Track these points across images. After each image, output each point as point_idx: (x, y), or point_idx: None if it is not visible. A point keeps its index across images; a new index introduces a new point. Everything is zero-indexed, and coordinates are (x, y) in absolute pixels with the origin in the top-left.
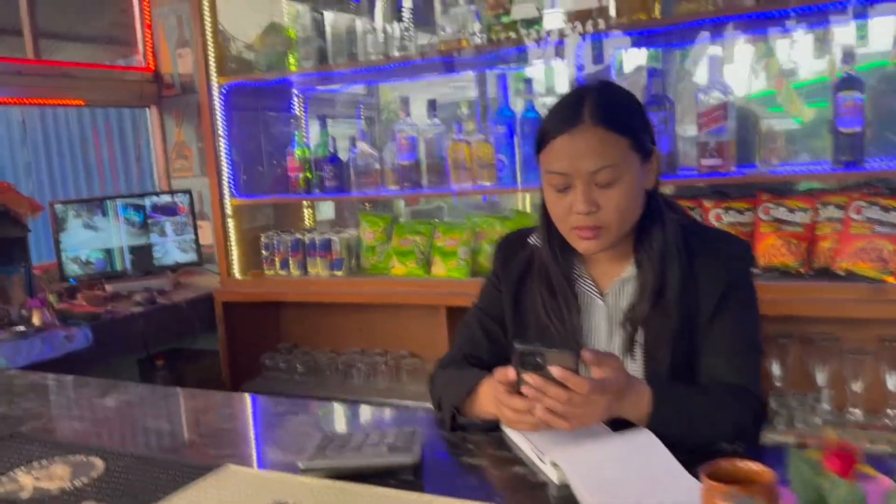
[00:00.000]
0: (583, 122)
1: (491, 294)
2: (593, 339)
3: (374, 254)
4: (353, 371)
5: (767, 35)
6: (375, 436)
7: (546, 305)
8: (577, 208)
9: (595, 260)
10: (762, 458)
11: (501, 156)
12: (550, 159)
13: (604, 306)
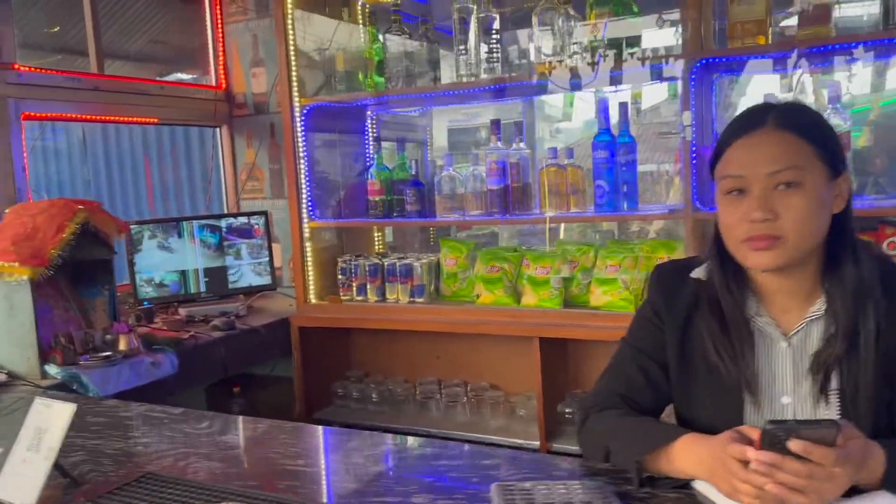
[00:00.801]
0: (765, 125)
1: (649, 331)
2: (777, 384)
3: (455, 281)
4: (431, 402)
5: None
6: (560, 489)
7: (716, 343)
8: (751, 215)
9: (775, 296)
10: None
11: (601, 181)
12: (725, 165)
13: (788, 348)
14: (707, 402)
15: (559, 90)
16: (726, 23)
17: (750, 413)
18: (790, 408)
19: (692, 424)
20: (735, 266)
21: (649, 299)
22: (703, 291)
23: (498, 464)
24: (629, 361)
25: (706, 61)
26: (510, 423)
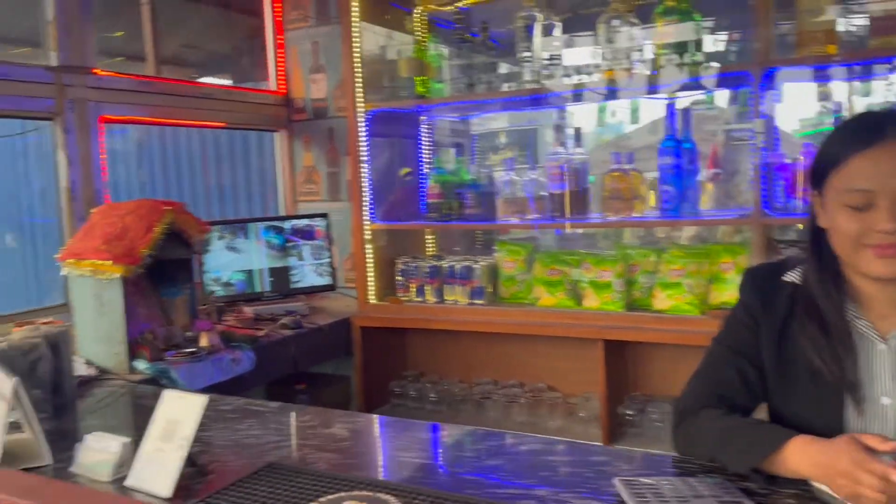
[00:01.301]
0: (886, 137)
1: (742, 332)
2: (877, 386)
3: (513, 283)
4: (488, 402)
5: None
6: (681, 485)
7: (818, 347)
8: (882, 227)
9: (872, 302)
10: None
11: (668, 186)
12: (849, 178)
13: (887, 350)
14: (807, 403)
15: (625, 97)
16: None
17: (850, 414)
18: (891, 408)
19: (789, 424)
20: (834, 271)
21: (743, 301)
22: (798, 295)
23: (607, 460)
24: (724, 362)
25: (774, 70)
26: (569, 423)
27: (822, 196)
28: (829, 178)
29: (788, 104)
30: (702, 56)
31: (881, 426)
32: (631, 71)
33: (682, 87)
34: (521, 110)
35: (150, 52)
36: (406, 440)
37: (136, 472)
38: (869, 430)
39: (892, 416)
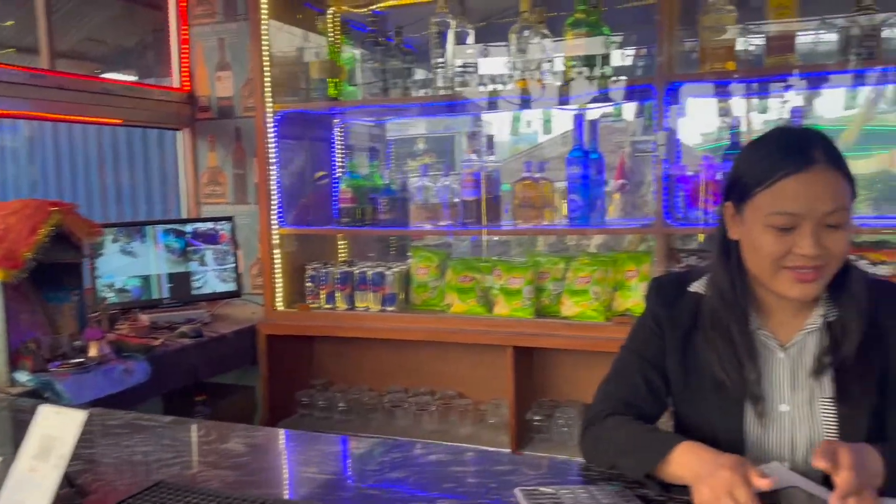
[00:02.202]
0: (817, 162)
1: (649, 340)
2: (775, 394)
3: (426, 290)
4: (399, 411)
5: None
6: (582, 493)
7: (722, 357)
8: (804, 250)
9: (775, 312)
10: None
11: (575, 195)
12: (778, 200)
13: (786, 359)
14: (709, 411)
15: (538, 107)
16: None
17: (750, 422)
18: (788, 415)
19: (693, 430)
20: (741, 281)
21: (650, 310)
22: (703, 305)
23: (512, 469)
24: (631, 370)
25: (677, 84)
26: (479, 430)
27: (740, 211)
28: (755, 196)
29: (693, 119)
30: (610, 69)
31: (778, 433)
32: (541, 82)
33: (590, 100)
34: (437, 116)
35: (43, 43)
36: (307, 454)
37: (7, 493)
38: (767, 436)
39: (788, 424)
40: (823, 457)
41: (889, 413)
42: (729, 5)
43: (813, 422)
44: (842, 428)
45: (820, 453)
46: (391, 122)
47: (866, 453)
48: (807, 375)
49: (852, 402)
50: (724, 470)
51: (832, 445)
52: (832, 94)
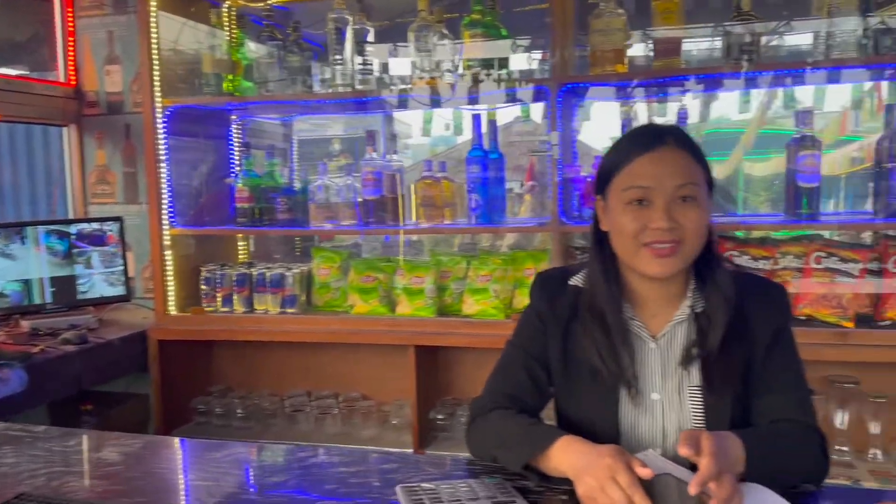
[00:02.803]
0: (667, 143)
1: (532, 335)
2: (647, 382)
3: (328, 291)
4: (300, 415)
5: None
6: (463, 487)
7: (598, 346)
8: (657, 223)
9: (645, 302)
10: None
11: (475, 195)
12: (630, 177)
13: (657, 349)
14: (587, 401)
15: (434, 106)
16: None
17: (625, 410)
18: (659, 404)
19: (572, 420)
20: (614, 273)
21: (533, 305)
22: (582, 297)
23: (398, 468)
24: (515, 364)
25: (571, 86)
26: (383, 431)
27: (606, 200)
28: (613, 181)
29: (597, 121)
30: (508, 70)
31: (651, 420)
32: (440, 81)
33: (488, 100)
34: (342, 115)
35: None
36: (188, 461)
37: None
38: (639, 424)
39: (660, 411)
40: (686, 444)
41: (753, 401)
42: (619, 9)
43: (682, 410)
44: (708, 415)
45: (683, 441)
46: (299, 120)
47: (728, 440)
48: (676, 365)
49: (718, 391)
50: (606, 458)
51: (695, 433)
52: (728, 98)
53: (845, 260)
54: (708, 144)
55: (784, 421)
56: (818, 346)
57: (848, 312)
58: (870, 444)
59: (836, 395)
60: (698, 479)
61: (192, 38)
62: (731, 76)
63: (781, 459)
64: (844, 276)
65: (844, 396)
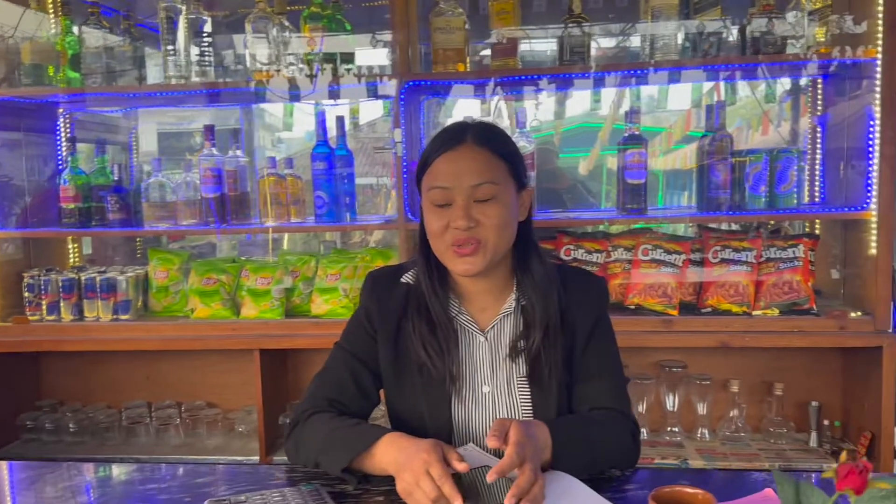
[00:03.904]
0: (465, 142)
1: (361, 336)
2: (478, 376)
3: (167, 294)
4: (140, 428)
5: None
6: (276, 497)
7: (425, 342)
8: (456, 223)
9: (474, 297)
10: None
11: (321, 192)
12: (432, 177)
13: (486, 342)
14: (418, 398)
15: (277, 100)
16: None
17: (455, 405)
18: (489, 396)
19: (405, 420)
20: (440, 270)
21: (362, 305)
22: (412, 294)
23: (213, 481)
24: (341, 365)
25: (414, 83)
26: (229, 440)
27: (422, 199)
28: (422, 181)
29: (432, 116)
30: (355, 66)
31: (482, 413)
32: (270, 74)
33: (334, 95)
34: (177, 107)
35: None
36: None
37: None
38: (472, 418)
39: (490, 404)
40: (493, 435)
41: (573, 389)
42: (459, 8)
43: (511, 401)
44: (535, 406)
45: (491, 432)
46: (124, 112)
47: (535, 428)
48: (504, 357)
49: (542, 382)
50: (422, 453)
51: (505, 423)
52: (581, 97)
53: (670, 252)
54: (571, 141)
55: (599, 408)
56: (647, 333)
57: (673, 301)
58: (697, 424)
59: (666, 378)
60: (497, 468)
61: (9, 24)
62: (565, 76)
63: (589, 446)
64: (669, 266)
65: (673, 380)
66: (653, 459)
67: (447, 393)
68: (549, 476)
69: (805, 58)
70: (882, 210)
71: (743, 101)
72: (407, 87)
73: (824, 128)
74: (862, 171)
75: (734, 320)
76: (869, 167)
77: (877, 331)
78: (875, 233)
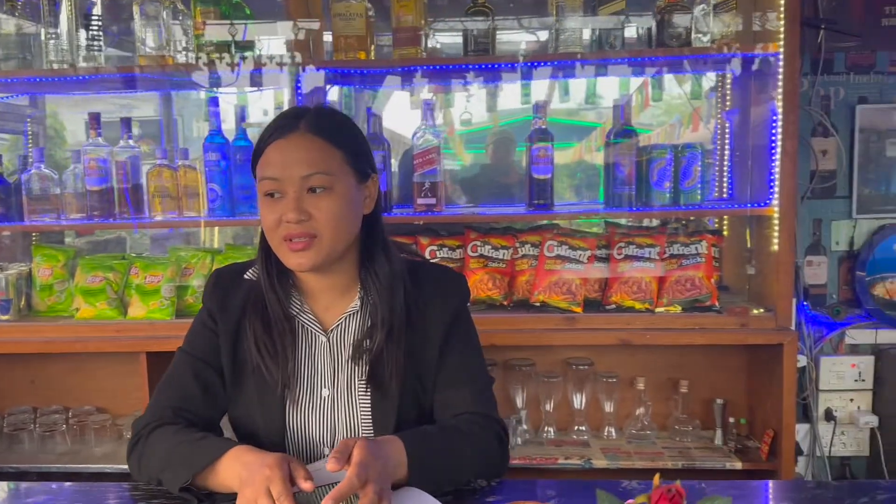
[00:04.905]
0: (297, 129)
1: (204, 337)
2: (317, 378)
3: (50, 293)
4: (23, 434)
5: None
6: None
7: (259, 343)
8: (287, 216)
9: (318, 295)
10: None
11: (214, 185)
12: (263, 167)
13: (327, 343)
14: (254, 404)
15: (171, 88)
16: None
17: (291, 410)
18: (329, 400)
19: (240, 424)
20: (280, 266)
21: (205, 304)
22: (252, 292)
23: (45, 500)
24: (186, 371)
25: (318, 70)
26: (119, 447)
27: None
28: (255, 170)
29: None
30: (254, 53)
31: (319, 418)
32: (167, 61)
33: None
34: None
35: None
36: None
37: None
38: (308, 424)
39: (329, 408)
40: (335, 458)
41: (434, 395)
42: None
43: (351, 405)
44: (374, 410)
45: (332, 454)
46: (91, 99)
47: (387, 447)
48: (347, 359)
49: (385, 385)
50: (265, 469)
51: (349, 443)
52: (510, 90)
53: (575, 248)
54: (508, 134)
55: (464, 414)
56: (551, 331)
57: (577, 298)
58: (604, 423)
59: (573, 377)
60: (334, 493)
61: None
62: (473, 68)
63: (450, 459)
64: (574, 263)
65: (580, 378)
66: (556, 459)
67: (281, 397)
68: (402, 493)
69: (710, 52)
70: (784, 206)
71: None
72: (303, 74)
73: (732, 123)
74: (766, 166)
75: (636, 317)
76: (771, 163)
77: (778, 328)
78: (777, 229)
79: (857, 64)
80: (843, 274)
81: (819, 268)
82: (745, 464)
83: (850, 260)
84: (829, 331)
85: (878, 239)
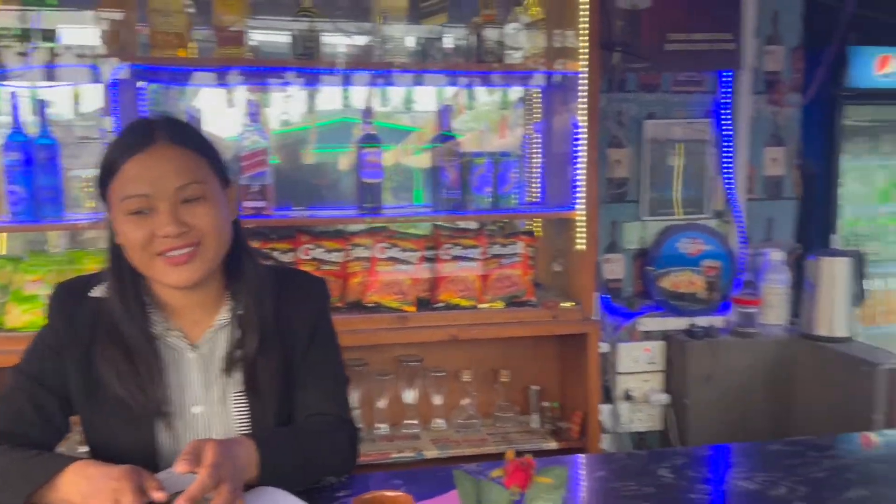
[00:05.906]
0: (156, 142)
1: (46, 358)
2: (188, 396)
3: None
4: None
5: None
6: None
7: (120, 374)
8: (164, 231)
9: (184, 310)
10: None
11: (16, 187)
12: (125, 185)
13: (197, 358)
14: (118, 429)
15: None
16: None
17: (161, 432)
18: (202, 416)
19: (103, 449)
20: (135, 285)
21: (50, 322)
22: (103, 312)
23: None
24: (20, 393)
25: (132, 67)
26: None
27: (109, 210)
28: (108, 188)
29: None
30: (56, 46)
31: (193, 436)
32: None
33: (33, 77)
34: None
35: None
36: None
37: None
38: (182, 442)
39: (203, 425)
40: (185, 460)
41: (294, 395)
42: None
43: (227, 418)
44: (253, 419)
45: (182, 455)
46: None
47: (238, 447)
48: (219, 372)
49: (261, 394)
50: (112, 481)
51: (199, 445)
52: (330, 92)
53: (405, 250)
54: (327, 136)
55: (317, 415)
56: (384, 330)
57: (409, 297)
58: (434, 415)
59: (404, 373)
60: (186, 494)
61: None
62: (301, 71)
63: (301, 458)
64: (405, 264)
65: (411, 374)
66: (390, 454)
67: (151, 422)
68: (256, 493)
69: (520, 68)
70: (588, 209)
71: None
72: (118, 70)
73: (543, 134)
74: (571, 174)
75: (463, 314)
76: (576, 171)
77: (584, 319)
78: (582, 230)
79: (646, 83)
80: (636, 269)
81: (616, 264)
82: (559, 443)
83: (641, 257)
84: (626, 320)
85: (663, 238)
